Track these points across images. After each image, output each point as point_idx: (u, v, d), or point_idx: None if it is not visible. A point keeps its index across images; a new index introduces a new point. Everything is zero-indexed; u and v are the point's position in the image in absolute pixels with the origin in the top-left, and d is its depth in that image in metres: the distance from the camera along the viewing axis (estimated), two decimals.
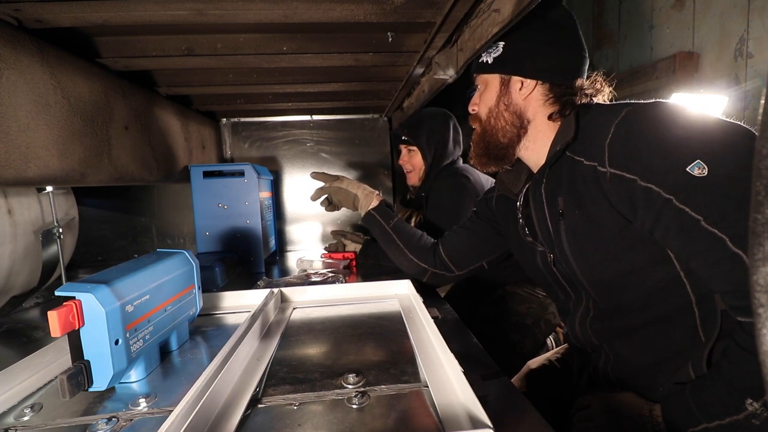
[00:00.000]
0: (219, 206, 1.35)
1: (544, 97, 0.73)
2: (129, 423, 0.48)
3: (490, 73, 0.76)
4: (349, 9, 0.80)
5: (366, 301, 0.91)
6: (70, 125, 0.89)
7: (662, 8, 2.89)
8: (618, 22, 3.38)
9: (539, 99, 0.73)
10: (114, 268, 0.60)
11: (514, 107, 0.74)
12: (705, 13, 2.56)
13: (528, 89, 0.73)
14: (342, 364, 0.61)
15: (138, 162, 1.18)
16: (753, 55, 2.28)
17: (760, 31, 2.24)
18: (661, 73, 2.78)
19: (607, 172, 0.61)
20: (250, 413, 0.49)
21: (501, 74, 0.75)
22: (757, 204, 0.18)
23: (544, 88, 0.73)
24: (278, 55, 1.05)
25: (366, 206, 1.16)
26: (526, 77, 0.73)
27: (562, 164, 0.69)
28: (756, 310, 0.19)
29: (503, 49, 0.74)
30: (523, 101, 0.74)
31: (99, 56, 0.99)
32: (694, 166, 0.53)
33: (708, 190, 0.52)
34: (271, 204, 1.59)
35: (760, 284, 0.19)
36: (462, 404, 0.47)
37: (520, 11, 0.63)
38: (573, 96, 0.72)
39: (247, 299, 0.90)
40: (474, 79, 0.82)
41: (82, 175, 0.93)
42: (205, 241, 1.36)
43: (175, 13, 0.79)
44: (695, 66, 2.62)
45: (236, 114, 1.87)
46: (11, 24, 0.76)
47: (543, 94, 0.73)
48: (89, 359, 0.52)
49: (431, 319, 0.69)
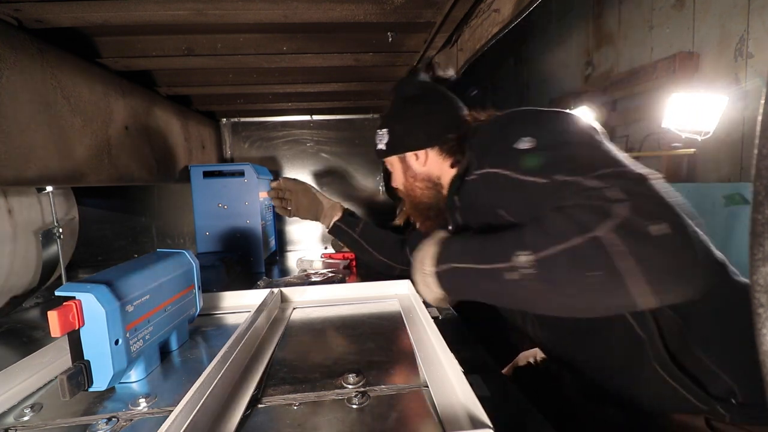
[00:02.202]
0: (219, 206, 1.35)
1: (439, 156, 0.81)
2: (129, 423, 0.48)
3: (389, 157, 0.87)
4: (349, 9, 0.80)
5: (366, 301, 0.91)
6: (70, 125, 0.89)
7: (662, 8, 2.89)
8: (618, 22, 3.38)
9: (437, 159, 0.81)
10: (114, 268, 0.60)
11: (421, 175, 0.83)
12: (705, 13, 2.56)
13: (423, 157, 0.82)
14: (342, 364, 0.61)
15: (138, 162, 1.18)
16: (753, 55, 2.28)
17: (760, 31, 2.24)
18: (661, 73, 2.79)
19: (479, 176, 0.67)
20: (250, 413, 0.49)
21: (396, 155, 0.85)
22: (757, 204, 0.18)
23: (434, 151, 0.81)
24: (278, 55, 1.05)
25: (331, 217, 1.18)
26: (415, 150, 0.82)
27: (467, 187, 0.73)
28: (756, 310, 0.19)
29: (388, 135, 0.84)
30: (425, 167, 0.83)
31: (99, 56, 0.99)
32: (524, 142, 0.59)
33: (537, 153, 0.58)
34: (271, 204, 1.59)
35: (760, 284, 0.19)
36: (462, 404, 0.47)
37: (519, 11, 0.64)
38: (462, 141, 0.77)
39: (247, 299, 0.90)
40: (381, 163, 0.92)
41: (82, 175, 0.93)
42: (205, 241, 1.35)
43: (175, 13, 0.79)
44: (695, 66, 2.62)
45: (236, 114, 1.87)
46: (11, 24, 0.76)
47: (437, 154, 0.81)
48: (89, 359, 0.52)
49: (431, 319, 0.69)
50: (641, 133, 2.91)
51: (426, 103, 0.81)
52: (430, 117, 0.80)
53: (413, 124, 0.81)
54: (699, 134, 1.85)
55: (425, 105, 0.81)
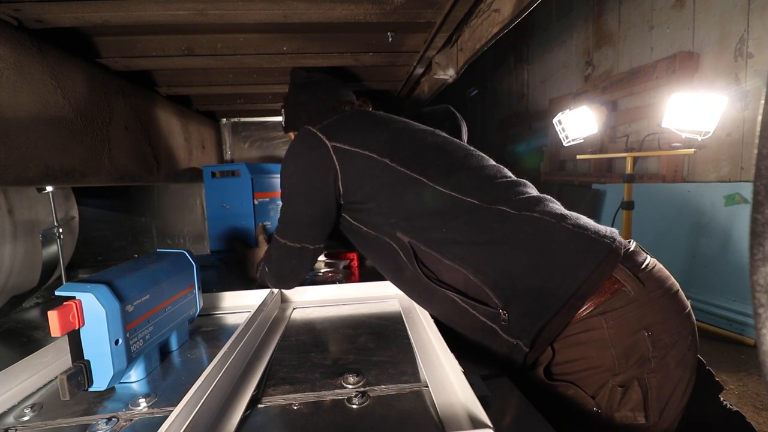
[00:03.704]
0: (223, 206, 1.37)
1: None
2: (129, 423, 0.48)
3: (287, 132, 1.07)
4: (349, 9, 0.80)
5: (366, 301, 0.91)
6: (70, 125, 0.89)
7: (662, 8, 2.89)
8: (618, 22, 3.38)
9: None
10: (114, 268, 0.60)
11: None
12: (705, 13, 2.56)
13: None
14: (342, 364, 0.61)
15: (138, 162, 1.18)
16: (753, 55, 2.28)
17: (760, 31, 2.24)
18: (661, 72, 2.79)
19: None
20: (250, 413, 0.49)
21: (290, 132, 1.05)
22: (757, 204, 0.18)
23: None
24: (278, 55, 1.05)
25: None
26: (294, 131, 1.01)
27: None
28: (756, 310, 0.19)
29: (283, 115, 1.05)
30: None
31: (99, 56, 0.99)
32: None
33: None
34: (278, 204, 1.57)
35: (760, 284, 0.19)
36: (462, 404, 0.47)
37: (520, 11, 0.64)
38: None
39: (247, 299, 0.90)
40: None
41: (82, 175, 0.93)
42: (216, 239, 1.38)
43: (175, 13, 0.79)
44: (695, 66, 2.62)
45: (236, 114, 1.87)
46: (11, 24, 0.76)
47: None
48: (89, 359, 0.52)
49: (431, 319, 0.69)
50: (641, 133, 2.91)
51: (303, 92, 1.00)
52: (303, 106, 0.99)
53: (292, 110, 1.01)
54: (699, 134, 1.85)
55: (302, 94, 1.00)
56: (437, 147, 0.79)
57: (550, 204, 0.70)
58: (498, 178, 0.75)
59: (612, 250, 0.61)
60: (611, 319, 0.60)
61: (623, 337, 0.60)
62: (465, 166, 0.76)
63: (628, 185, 2.25)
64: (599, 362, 0.60)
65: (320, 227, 0.82)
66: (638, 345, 0.59)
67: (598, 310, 0.60)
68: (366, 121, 0.82)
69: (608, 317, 0.60)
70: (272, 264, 0.88)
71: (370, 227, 0.78)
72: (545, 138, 4.43)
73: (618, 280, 0.61)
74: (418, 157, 0.76)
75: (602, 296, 0.60)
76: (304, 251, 0.83)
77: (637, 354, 0.59)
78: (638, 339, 0.59)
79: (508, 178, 0.76)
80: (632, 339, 0.59)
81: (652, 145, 2.72)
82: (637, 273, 0.62)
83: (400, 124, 0.83)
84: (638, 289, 0.61)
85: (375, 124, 0.82)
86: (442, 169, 0.74)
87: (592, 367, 0.61)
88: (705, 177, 2.57)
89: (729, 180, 2.40)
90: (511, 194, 0.71)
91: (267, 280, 0.90)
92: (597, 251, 0.62)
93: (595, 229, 0.65)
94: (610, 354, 0.60)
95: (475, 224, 0.68)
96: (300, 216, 0.82)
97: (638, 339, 0.59)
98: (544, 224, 0.65)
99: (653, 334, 0.59)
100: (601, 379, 0.60)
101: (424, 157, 0.76)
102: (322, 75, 1.03)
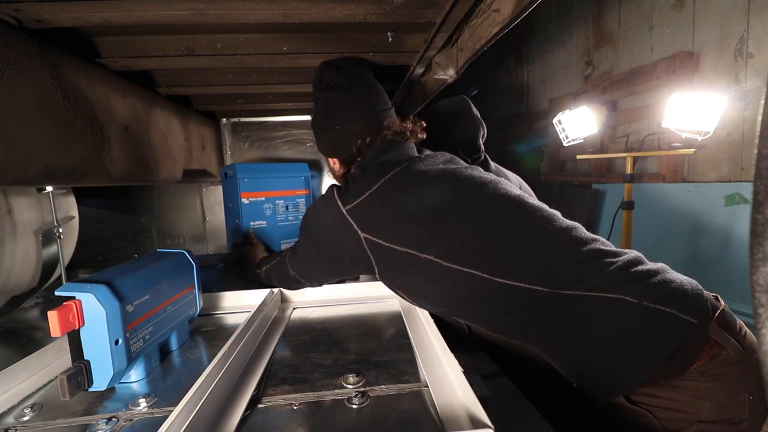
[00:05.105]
0: (229, 206, 1.39)
1: (342, 167, 0.92)
2: (129, 423, 0.48)
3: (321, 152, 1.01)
4: (348, 9, 0.80)
5: (366, 301, 0.92)
6: (70, 125, 0.89)
7: (662, 8, 2.89)
8: (618, 22, 3.38)
9: (341, 168, 0.93)
10: (114, 268, 0.60)
11: (337, 175, 0.97)
12: (705, 13, 2.56)
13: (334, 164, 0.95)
14: (342, 364, 0.61)
15: (138, 162, 1.18)
16: (753, 55, 2.28)
17: (760, 31, 2.24)
18: (661, 73, 2.79)
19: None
20: (250, 413, 0.49)
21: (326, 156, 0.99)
22: (757, 204, 0.18)
23: (337, 160, 0.93)
24: (278, 55, 1.05)
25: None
26: (329, 157, 0.96)
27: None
28: (756, 310, 0.19)
29: (315, 139, 0.99)
30: (338, 169, 0.95)
31: (99, 56, 0.99)
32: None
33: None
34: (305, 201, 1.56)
35: (760, 284, 0.19)
36: (462, 404, 0.47)
37: (520, 11, 0.64)
38: (354, 159, 0.87)
39: (247, 299, 0.90)
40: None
41: (82, 175, 0.93)
42: (230, 239, 1.41)
43: (175, 13, 0.79)
44: (695, 66, 2.62)
45: (236, 114, 1.87)
46: (11, 24, 0.76)
47: (340, 163, 0.93)
48: (89, 359, 0.52)
49: (431, 319, 0.69)
50: (641, 133, 2.91)
51: (336, 111, 0.89)
52: (337, 131, 0.89)
53: (327, 133, 0.92)
54: (699, 134, 1.85)
55: (335, 114, 0.90)
56: (495, 227, 0.67)
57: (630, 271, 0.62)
58: (567, 251, 0.64)
59: (696, 327, 0.58)
60: (710, 378, 0.58)
61: (721, 395, 0.58)
62: (532, 245, 0.65)
63: (628, 185, 2.25)
64: (690, 409, 0.59)
65: (332, 280, 0.89)
66: (736, 405, 0.58)
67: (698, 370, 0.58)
68: (405, 201, 0.70)
69: (707, 375, 0.58)
70: (275, 279, 0.92)
71: (414, 301, 0.77)
72: (545, 138, 4.43)
73: (718, 343, 0.58)
74: (470, 245, 0.66)
75: (701, 360, 0.58)
76: (308, 284, 0.89)
77: (732, 412, 0.58)
78: (738, 400, 0.58)
79: (579, 244, 0.65)
80: (731, 398, 0.58)
81: (652, 145, 2.71)
82: (735, 336, 0.60)
83: (446, 192, 0.70)
84: (740, 352, 0.58)
85: (418, 200, 0.69)
86: (499, 258, 0.64)
87: (680, 410, 0.59)
88: (705, 177, 2.57)
89: (729, 180, 2.39)
90: (584, 269, 0.63)
91: (270, 283, 0.94)
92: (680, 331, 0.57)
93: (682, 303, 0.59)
94: (704, 406, 0.58)
95: (545, 313, 0.62)
96: (317, 270, 0.84)
97: (738, 400, 0.58)
98: (623, 305, 0.59)
99: (753, 399, 0.58)
100: (686, 422, 0.59)
101: (477, 243, 0.66)
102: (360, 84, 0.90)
